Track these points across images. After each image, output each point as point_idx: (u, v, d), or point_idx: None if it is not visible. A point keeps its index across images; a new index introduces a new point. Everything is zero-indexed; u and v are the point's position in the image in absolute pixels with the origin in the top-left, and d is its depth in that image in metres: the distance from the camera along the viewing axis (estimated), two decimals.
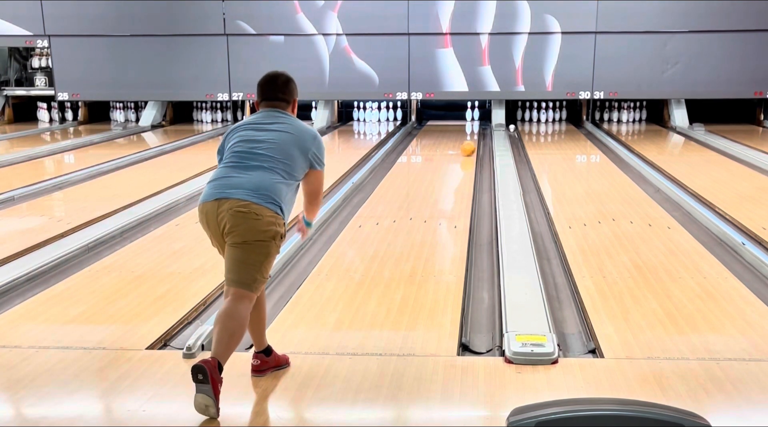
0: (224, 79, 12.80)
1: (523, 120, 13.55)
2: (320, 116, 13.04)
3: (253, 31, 12.58)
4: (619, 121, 13.35)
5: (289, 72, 3.40)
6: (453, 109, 13.93)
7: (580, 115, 13.52)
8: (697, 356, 3.50)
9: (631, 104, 13.43)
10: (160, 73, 13.00)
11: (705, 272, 4.80)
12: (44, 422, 2.97)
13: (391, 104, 13.62)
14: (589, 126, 12.75)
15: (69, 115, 14.09)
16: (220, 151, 3.29)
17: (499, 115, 12.88)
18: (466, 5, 12.40)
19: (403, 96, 12.85)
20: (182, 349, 3.54)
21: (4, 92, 13.94)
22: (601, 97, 12.70)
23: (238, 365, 3.35)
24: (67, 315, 4.14)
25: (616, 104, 13.39)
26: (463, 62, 12.61)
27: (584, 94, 12.63)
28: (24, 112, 14.24)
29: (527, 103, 13.54)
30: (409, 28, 12.47)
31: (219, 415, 2.91)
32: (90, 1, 12.70)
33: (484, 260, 5.26)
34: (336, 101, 13.69)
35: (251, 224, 3.03)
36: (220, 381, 2.90)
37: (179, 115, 14.06)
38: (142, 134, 12.65)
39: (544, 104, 13.53)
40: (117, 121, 14.01)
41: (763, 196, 7.09)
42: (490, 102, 13.34)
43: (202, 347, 3.56)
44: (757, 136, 11.49)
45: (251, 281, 3.07)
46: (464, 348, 3.70)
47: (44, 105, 14.11)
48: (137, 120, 13.82)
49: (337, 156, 10.07)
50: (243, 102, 13.47)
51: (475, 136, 12.00)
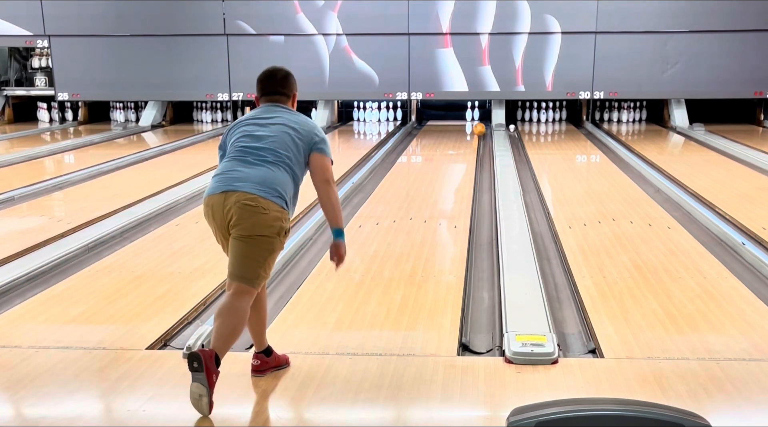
0: (224, 79, 12.80)
1: (523, 120, 13.55)
2: (320, 116, 13.03)
3: (253, 31, 12.58)
4: (619, 121, 13.35)
5: None
6: (453, 109, 13.94)
7: (580, 115, 13.52)
8: (697, 356, 3.50)
9: (631, 104, 13.42)
10: (160, 73, 13.00)
11: (705, 272, 4.79)
12: (44, 422, 2.97)
13: (391, 104, 13.63)
14: (589, 126, 12.75)
15: (69, 115, 14.09)
16: (222, 148, 3.29)
17: (499, 115, 12.89)
18: (466, 5, 12.40)
19: (403, 96, 12.85)
20: (182, 349, 3.54)
21: (4, 92, 13.95)
22: (601, 97, 12.70)
23: (238, 365, 3.36)
24: (67, 315, 4.14)
25: (616, 104, 13.38)
26: (463, 62, 12.61)
27: (584, 94, 12.63)
28: (24, 112, 14.24)
29: (527, 103, 13.54)
30: (409, 28, 12.47)
31: (211, 410, 2.88)
32: (90, 1, 12.70)
33: (484, 260, 5.27)
34: (336, 101, 13.69)
35: (258, 218, 3.02)
36: (216, 373, 2.88)
37: (179, 115, 14.06)
38: (142, 134, 12.65)
39: (544, 104, 13.52)
40: (117, 121, 14.01)
41: (763, 196, 7.08)
42: (490, 102, 13.34)
43: (202, 346, 3.55)
44: (757, 136, 11.49)
45: (254, 277, 3.07)
46: (464, 348, 3.70)
47: (44, 105, 14.12)
48: (137, 120, 13.82)
49: (338, 156, 10.00)
50: (243, 102, 13.48)
51: (475, 136, 12.00)
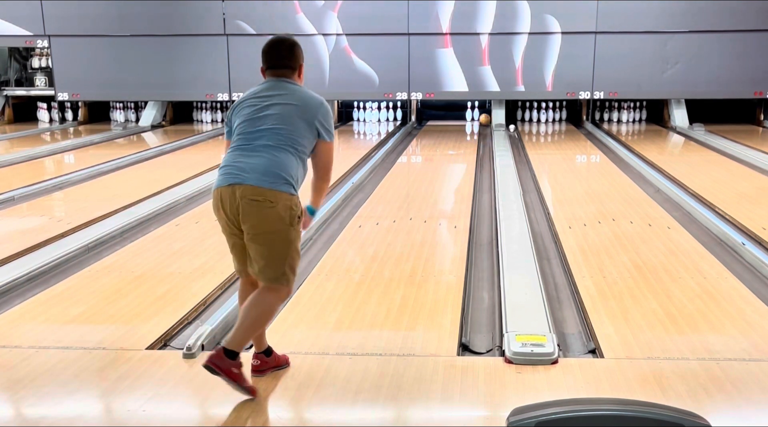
0: (224, 79, 12.79)
1: (523, 120, 13.54)
2: None
3: (253, 31, 12.57)
4: (619, 121, 13.34)
5: None
6: (453, 109, 13.94)
7: (580, 115, 13.51)
8: (697, 356, 3.50)
9: (631, 104, 13.41)
10: (160, 73, 13.00)
11: (705, 272, 4.79)
12: (44, 422, 2.97)
13: (391, 104, 13.63)
14: (589, 126, 12.75)
15: (69, 115, 14.08)
16: (228, 124, 3.26)
17: (499, 115, 12.88)
18: (466, 5, 12.40)
19: (403, 96, 12.85)
20: (182, 349, 3.54)
21: (4, 92, 13.94)
22: (601, 97, 12.70)
23: None
24: (67, 315, 4.14)
25: (616, 104, 13.38)
26: (463, 62, 12.61)
27: (584, 94, 12.63)
28: (24, 112, 14.23)
29: (527, 103, 13.53)
30: (409, 28, 12.47)
31: (255, 394, 3.05)
32: (90, 1, 12.69)
33: (484, 260, 5.26)
34: (336, 101, 13.67)
35: (266, 213, 2.99)
36: (235, 365, 2.95)
37: (179, 115, 14.05)
38: (142, 134, 12.64)
39: (544, 104, 13.52)
40: (117, 121, 14.00)
41: (763, 196, 7.08)
42: (490, 102, 13.34)
43: (202, 347, 3.56)
44: (757, 136, 11.48)
45: (280, 276, 3.05)
46: (464, 348, 3.70)
47: (44, 105, 14.11)
48: (137, 120, 13.81)
49: (338, 156, 10.01)
50: None
51: (475, 137, 12.01)
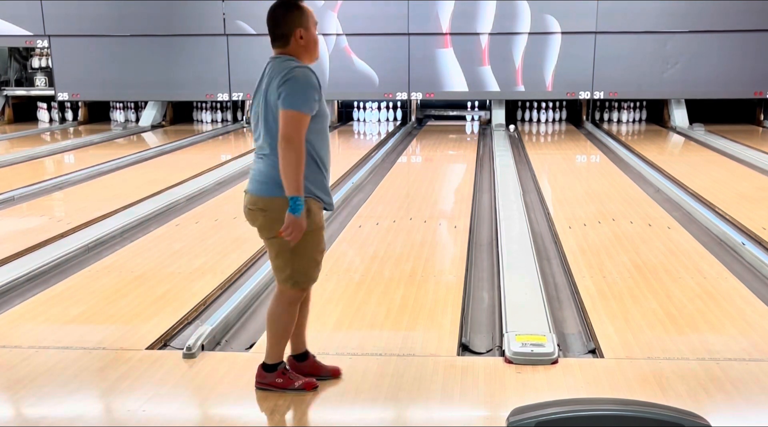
0: (224, 79, 12.80)
1: (523, 120, 13.55)
2: None
3: (253, 31, 12.57)
4: (619, 121, 13.35)
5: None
6: (453, 109, 13.95)
7: (580, 115, 13.51)
8: (697, 356, 3.50)
9: (631, 104, 13.42)
10: (160, 73, 13.00)
11: (705, 272, 4.79)
12: (44, 422, 2.97)
13: (391, 104, 13.63)
14: (589, 126, 12.75)
15: (69, 115, 14.09)
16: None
17: (499, 115, 12.89)
18: (466, 5, 12.40)
19: (403, 96, 12.85)
20: (182, 349, 3.54)
21: (4, 92, 13.94)
22: (601, 97, 12.70)
23: (238, 364, 3.37)
24: (67, 315, 4.14)
25: (616, 104, 13.38)
26: (463, 62, 12.61)
27: (584, 94, 12.63)
28: (24, 112, 14.24)
29: (527, 103, 13.54)
30: (409, 28, 12.47)
31: (311, 388, 3.13)
32: (90, 1, 12.69)
33: (484, 260, 5.26)
34: (336, 101, 13.68)
35: (262, 222, 3.01)
36: (277, 376, 3.09)
37: (179, 115, 14.05)
38: (142, 134, 12.64)
39: (544, 104, 13.52)
40: (117, 121, 14.00)
41: (763, 196, 7.08)
42: (490, 102, 13.34)
43: (202, 347, 3.56)
44: (757, 136, 11.48)
45: (286, 278, 3.05)
46: (464, 348, 3.70)
47: (44, 105, 14.11)
48: (137, 120, 13.82)
49: (338, 156, 10.05)
50: (243, 102, 13.47)
51: (475, 137, 12.01)
